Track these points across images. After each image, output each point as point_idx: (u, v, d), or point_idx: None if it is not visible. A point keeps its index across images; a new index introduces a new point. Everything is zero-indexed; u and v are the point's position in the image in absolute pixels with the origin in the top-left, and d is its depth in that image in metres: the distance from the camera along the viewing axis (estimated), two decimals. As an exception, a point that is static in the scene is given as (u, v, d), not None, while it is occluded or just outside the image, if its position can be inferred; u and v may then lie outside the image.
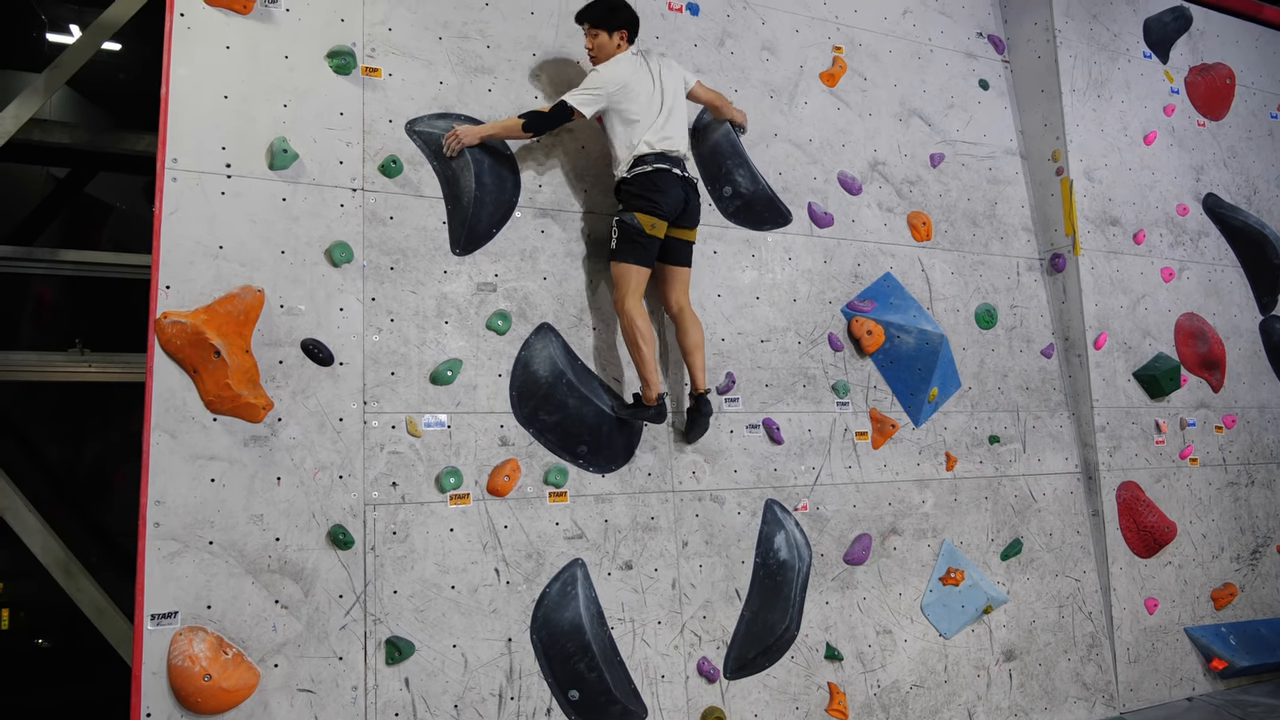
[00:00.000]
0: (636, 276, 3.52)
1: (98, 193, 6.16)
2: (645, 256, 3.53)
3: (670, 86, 3.67)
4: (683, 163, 3.63)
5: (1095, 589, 4.70)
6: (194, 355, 2.97)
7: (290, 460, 3.11)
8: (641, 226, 3.48)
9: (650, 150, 3.53)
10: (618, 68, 3.56)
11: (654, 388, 3.54)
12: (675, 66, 3.78)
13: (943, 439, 4.50)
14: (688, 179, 3.63)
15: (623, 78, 3.54)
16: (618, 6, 3.67)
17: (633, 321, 3.49)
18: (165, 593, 2.85)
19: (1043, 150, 5.13)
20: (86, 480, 6.00)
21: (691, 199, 3.65)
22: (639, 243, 3.50)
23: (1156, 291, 5.22)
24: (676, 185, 3.56)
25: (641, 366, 3.53)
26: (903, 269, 4.60)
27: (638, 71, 3.60)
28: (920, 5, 5.05)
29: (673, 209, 3.55)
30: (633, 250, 3.51)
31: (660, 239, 3.55)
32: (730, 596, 3.79)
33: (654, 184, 3.51)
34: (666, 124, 3.59)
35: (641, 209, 3.49)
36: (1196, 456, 5.16)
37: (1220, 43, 5.92)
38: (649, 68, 3.66)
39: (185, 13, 3.25)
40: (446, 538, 3.30)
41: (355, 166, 3.42)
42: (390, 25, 3.61)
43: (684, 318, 3.73)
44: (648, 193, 3.50)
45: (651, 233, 3.49)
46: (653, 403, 3.56)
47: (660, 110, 3.59)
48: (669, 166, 3.54)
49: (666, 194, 3.52)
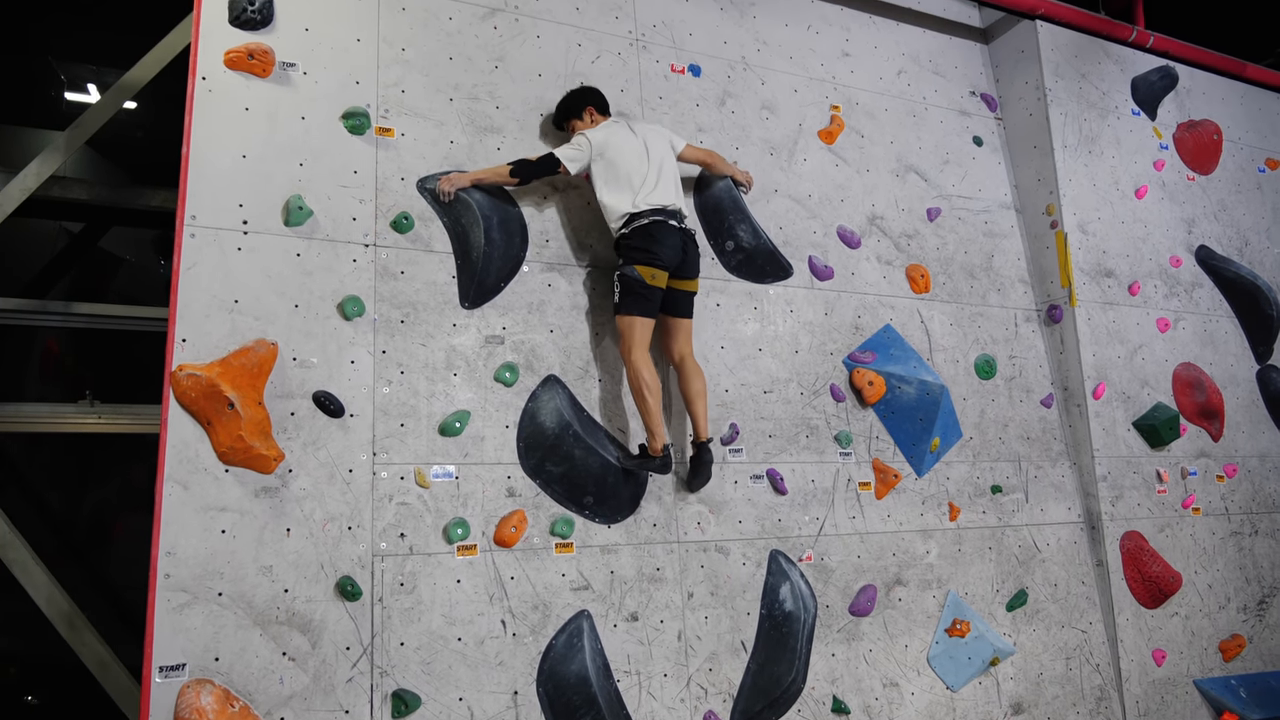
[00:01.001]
0: (641, 328, 3.58)
1: (107, 245, 6.26)
2: (648, 307, 3.60)
3: (656, 146, 3.79)
4: (678, 215, 3.70)
5: (1102, 640, 4.68)
6: (208, 407, 3.02)
7: (300, 511, 3.14)
8: (642, 278, 3.55)
9: (646, 206, 3.62)
10: (599, 131, 3.75)
11: (659, 439, 3.58)
12: (661, 130, 3.92)
13: (945, 489, 4.52)
14: (685, 230, 3.71)
15: (604, 138, 3.71)
16: (573, 97, 3.91)
17: (638, 373, 3.55)
18: (174, 644, 2.85)
19: (1037, 204, 5.25)
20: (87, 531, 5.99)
21: (690, 250, 3.73)
22: (641, 294, 3.57)
23: (1153, 341, 5.30)
24: (674, 235, 3.64)
25: (647, 417, 3.58)
26: (902, 320, 4.68)
27: (620, 133, 3.75)
28: (914, 65, 5.21)
29: (671, 259, 3.62)
30: (635, 302, 3.58)
31: (662, 289, 3.62)
32: (736, 648, 3.78)
33: (651, 235, 3.59)
34: (658, 182, 3.69)
35: (641, 261, 3.57)
36: (1199, 506, 5.18)
37: (1207, 100, 6.09)
38: (632, 130, 3.79)
39: (207, 76, 3.37)
40: (453, 589, 3.31)
41: (368, 223, 3.52)
42: (403, 87, 3.73)
43: (686, 367, 3.78)
44: (646, 244, 3.58)
45: (652, 283, 3.57)
46: (658, 453, 3.59)
47: (649, 168, 3.70)
48: (665, 218, 3.63)
49: (664, 244, 3.60)
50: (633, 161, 3.68)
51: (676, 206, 3.70)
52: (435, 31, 3.87)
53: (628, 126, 3.82)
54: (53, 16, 5.68)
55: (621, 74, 4.25)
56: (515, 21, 4.07)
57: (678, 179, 3.83)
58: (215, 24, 3.43)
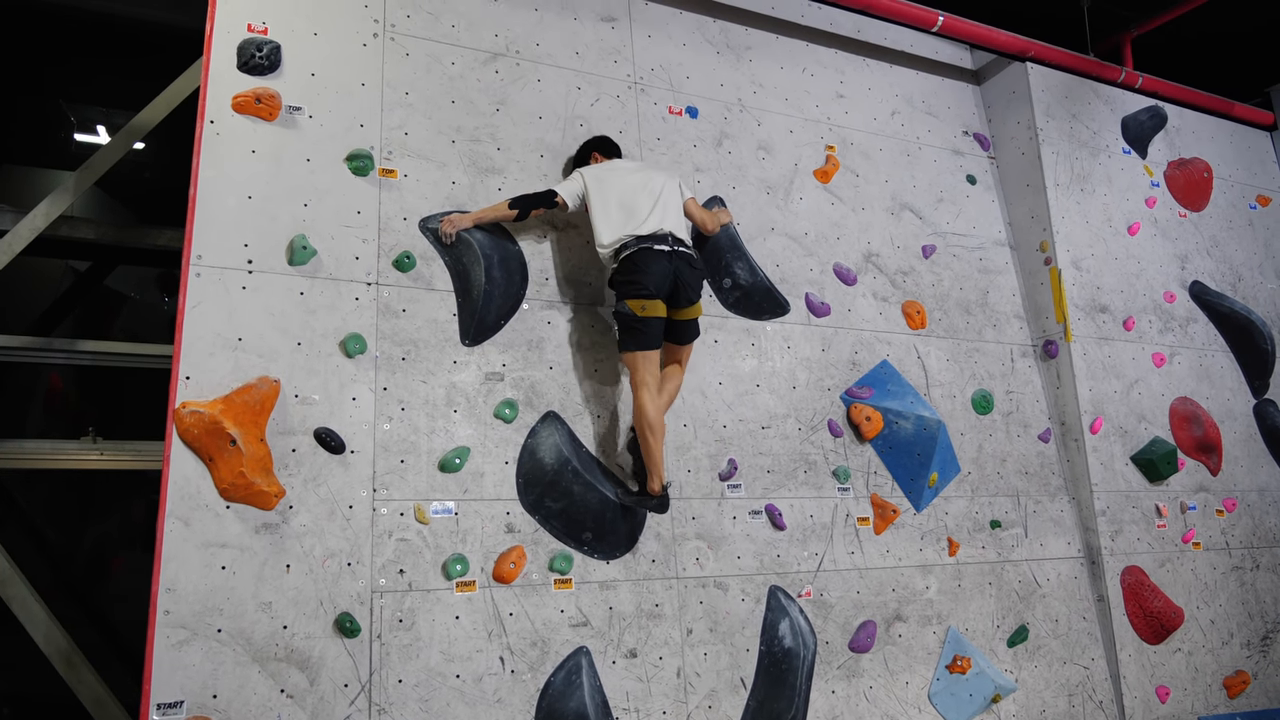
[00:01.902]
0: (644, 362, 3.58)
1: (111, 283, 6.33)
2: (646, 340, 3.59)
3: (659, 181, 3.79)
4: (668, 238, 3.61)
5: (1105, 676, 4.65)
6: (210, 444, 3.06)
7: (300, 548, 3.15)
8: (633, 312, 3.55)
9: (631, 235, 3.61)
10: (598, 167, 3.84)
11: (658, 478, 3.60)
12: (672, 173, 3.97)
13: (944, 524, 4.53)
14: (678, 253, 3.62)
15: (600, 172, 3.78)
16: (582, 146, 4.06)
17: (643, 411, 3.55)
18: (172, 681, 2.85)
19: (1031, 241, 5.32)
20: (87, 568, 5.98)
21: (683, 273, 3.63)
22: (636, 329, 3.58)
23: (1149, 376, 5.33)
24: (660, 260, 3.57)
25: (647, 457, 3.59)
26: (899, 356, 4.72)
27: (620, 168, 3.82)
28: (908, 106, 5.32)
29: (660, 285, 3.56)
30: (633, 337, 3.59)
31: (659, 318, 3.58)
32: (735, 685, 3.76)
33: (635, 265, 3.58)
34: (652, 211, 3.66)
35: (629, 294, 3.57)
36: (1199, 540, 5.18)
37: (1196, 138, 6.19)
38: (637, 167, 3.86)
39: (215, 119, 3.46)
40: (452, 625, 3.31)
41: (371, 262, 3.58)
42: (407, 130, 3.82)
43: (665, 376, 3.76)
44: (631, 276, 3.57)
45: (645, 314, 3.54)
46: (656, 493, 3.60)
47: (646, 200, 3.69)
48: (650, 244, 3.59)
49: (650, 271, 3.55)
50: (628, 194, 3.70)
51: (665, 231, 3.63)
52: (438, 76, 3.96)
53: (631, 164, 3.89)
54: (65, 60, 5.81)
55: (620, 116, 4.35)
56: (516, 66, 4.17)
57: (679, 212, 3.82)
58: (224, 69, 3.52)
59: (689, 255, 3.70)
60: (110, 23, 5.44)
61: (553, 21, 4.34)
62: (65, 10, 5.30)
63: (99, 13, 5.31)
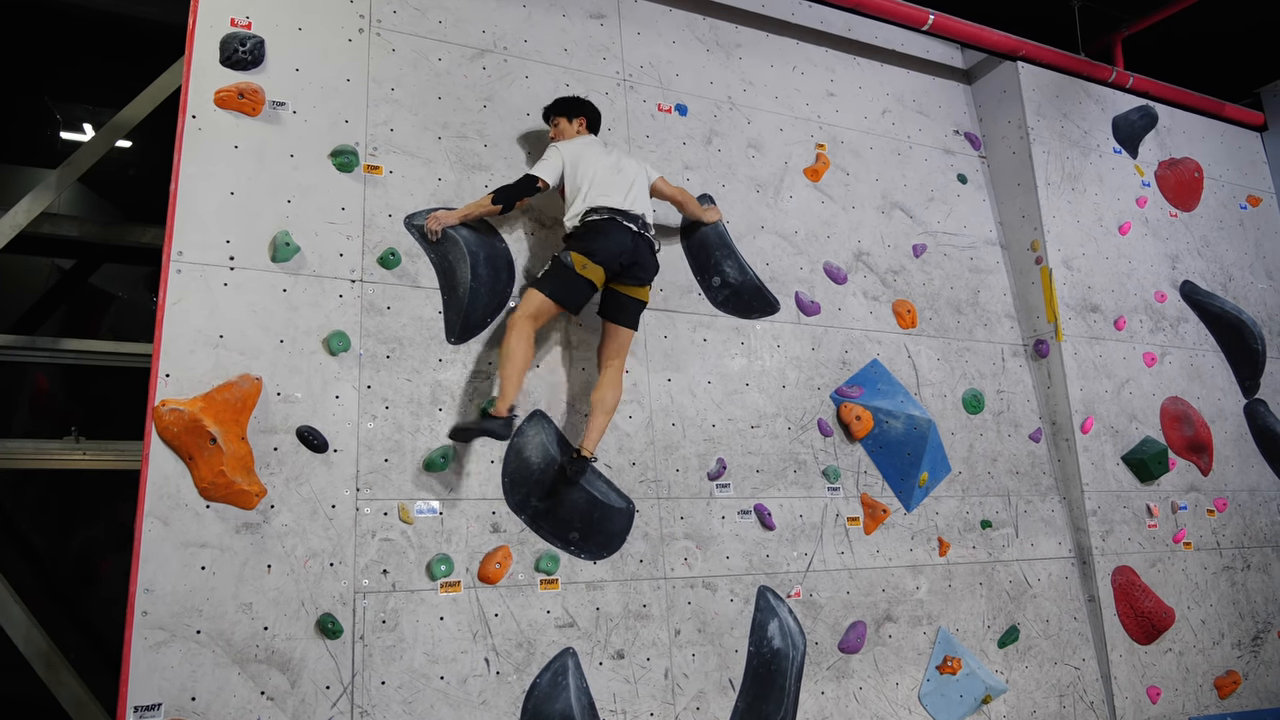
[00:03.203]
0: (541, 303, 3.47)
1: (99, 282, 6.28)
2: (564, 293, 3.50)
3: (630, 167, 3.77)
4: (638, 219, 3.61)
5: (1096, 677, 4.63)
6: (190, 442, 3.01)
7: (281, 548, 3.11)
8: (573, 265, 3.48)
9: (603, 204, 3.57)
10: (574, 143, 3.75)
11: (507, 399, 3.37)
12: (638, 159, 3.92)
13: (935, 524, 4.50)
14: (641, 235, 3.61)
15: (578, 150, 3.71)
16: (580, 101, 3.94)
17: (511, 334, 3.42)
18: (150, 683, 2.81)
19: (1021, 240, 5.30)
20: (71, 570, 5.92)
21: (642, 253, 3.61)
22: (562, 278, 3.49)
23: (1140, 376, 5.32)
24: (624, 234, 3.55)
25: (502, 379, 3.41)
26: (889, 355, 4.70)
27: (594, 148, 3.75)
28: (898, 105, 5.30)
29: (611, 256, 3.52)
30: (552, 283, 3.49)
31: (592, 284, 3.52)
32: (724, 686, 3.73)
33: (598, 231, 3.53)
34: (625, 195, 3.64)
35: (578, 249, 3.51)
36: (1190, 540, 5.16)
37: (1187, 138, 6.19)
38: (607, 150, 3.81)
39: (197, 114, 3.41)
40: (436, 626, 3.28)
41: (355, 259, 3.54)
42: (392, 126, 3.78)
43: (606, 375, 3.63)
44: (588, 237, 3.52)
45: (582, 272, 3.48)
46: (502, 414, 3.36)
47: (618, 181, 3.66)
48: (618, 218, 3.55)
49: (609, 239, 3.51)
50: (601, 174, 3.65)
51: (638, 211, 3.63)
52: (424, 72, 3.93)
53: (604, 145, 3.84)
54: (50, 57, 5.76)
55: (609, 113, 4.31)
56: (504, 62, 4.14)
57: (647, 199, 3.78)
58: (207, 64, 3.48)
59: (651, 241, 3.68)
60: (97, 19, 5.39)
61: (541, 18, 4.31)
62: (51, 7, 5.26)
63: (85, 8, 5.26)
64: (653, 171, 3.95)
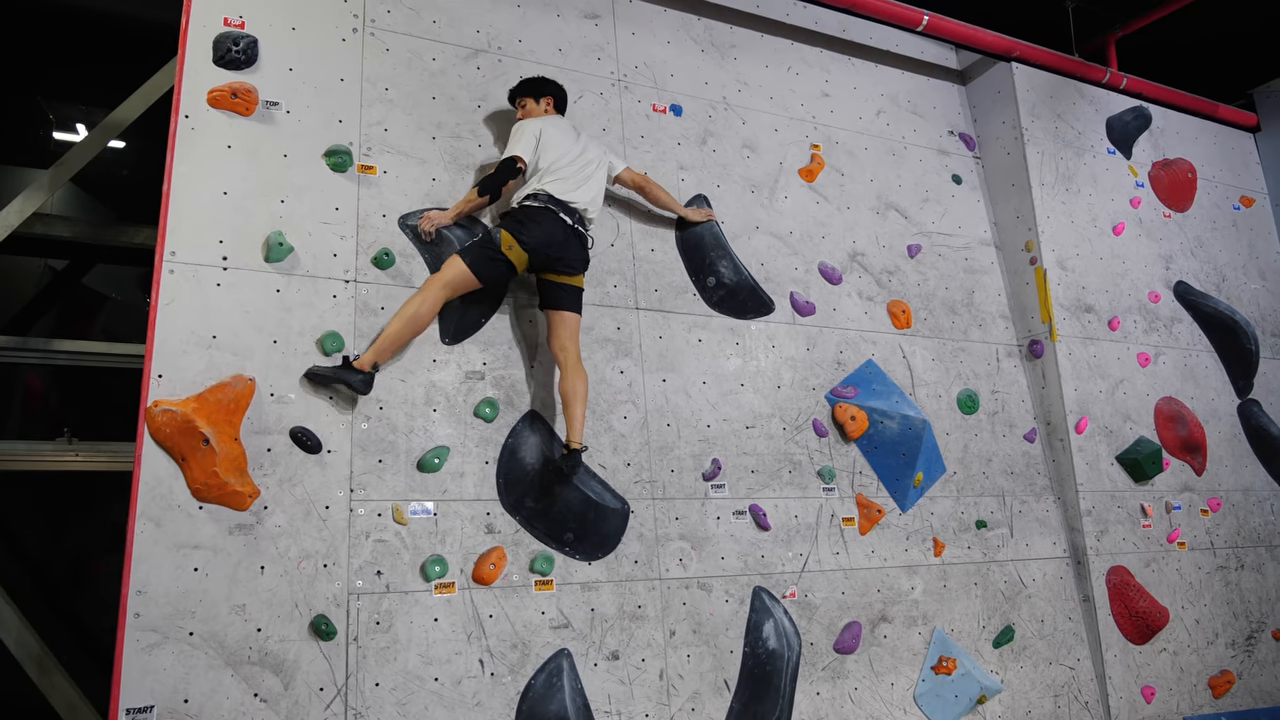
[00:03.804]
0: (459, 272, 3.43)
1: (92, 283, 6.25)
2: (483, 268, 3.46)
3: (592, 155, 3.75)
4: (579, 215, 3.61)
5: (1090, 677, 4.64)
6: (183, 443, 3.00)
7: (275, 549, 3.10)
8: (499, 243, 3.46)
9: (549, 194, 3.56)
10: (541, 120, 3.73)
11: (380, 355, 3.32)
12: (603, 147, 3.91)
13: (930, 524, 4.50)
14: (577, 230, 3.60)
15: (546, 128, 3.68)
16: (546, 81, 3.93)
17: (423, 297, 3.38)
18: (142, 686, 2.79)
19: (1016, 241, 5.31)
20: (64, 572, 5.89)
21: (572, 247, 3.57)
22: (485, 253, 3.47)
23: (1134, 376, 5.33)
24: (556, 225, 3.52)
25: (385, 335, 3.34)
26: (884, 356, 4.70)
27: (562, 130, 3.73)
28: (893, 106, 5.31)
29: (539, 244, 3.48)
30: (475, 255, 3.46)
31: (511, 264, 3.48)
32: (719, 687, 3.73)
33: (531, 215, 3.52)
34: (579, 186, 3.63)
35: (508, 228, 3.50)
36: (1184, 540, 5.17)
37: (1180, 139, 6.21)
38: (575, 132, 3.79)
39: (190, 114, 3.40)
40: (430, 628, 3.27)
41: (349, 259, 3.53)
42: (386, 126, 3.77)
43: (568, 364, 3.54)
44: (521, 220, 3.51)
45: (506, 252, 3.45)
46: (365, 368, 3.28)
47: (575, 169, 3.64)
48: (557, 210, 3.54)
49: (540, 227, 3.49)
50: (562, 161, 3.63)
51: (581, 206, 3.62)
52: (419, 72, 3.92)
53: (572, 128, 3.83)
54: (43, 56, 5.73)
55: (604, 113, 4.31)
56: (498, 62, 4.13)
57: (601, 191, 3.77)
58: (200, 63, 3.47)
59: (584, 236, 3.66)
60: (89, 18, 5.37)
61: (535, 18, 4.30)
62: (44, 6, 5.23)
63: (77, 8, 5.24)
64: (618, 162, 3.95)
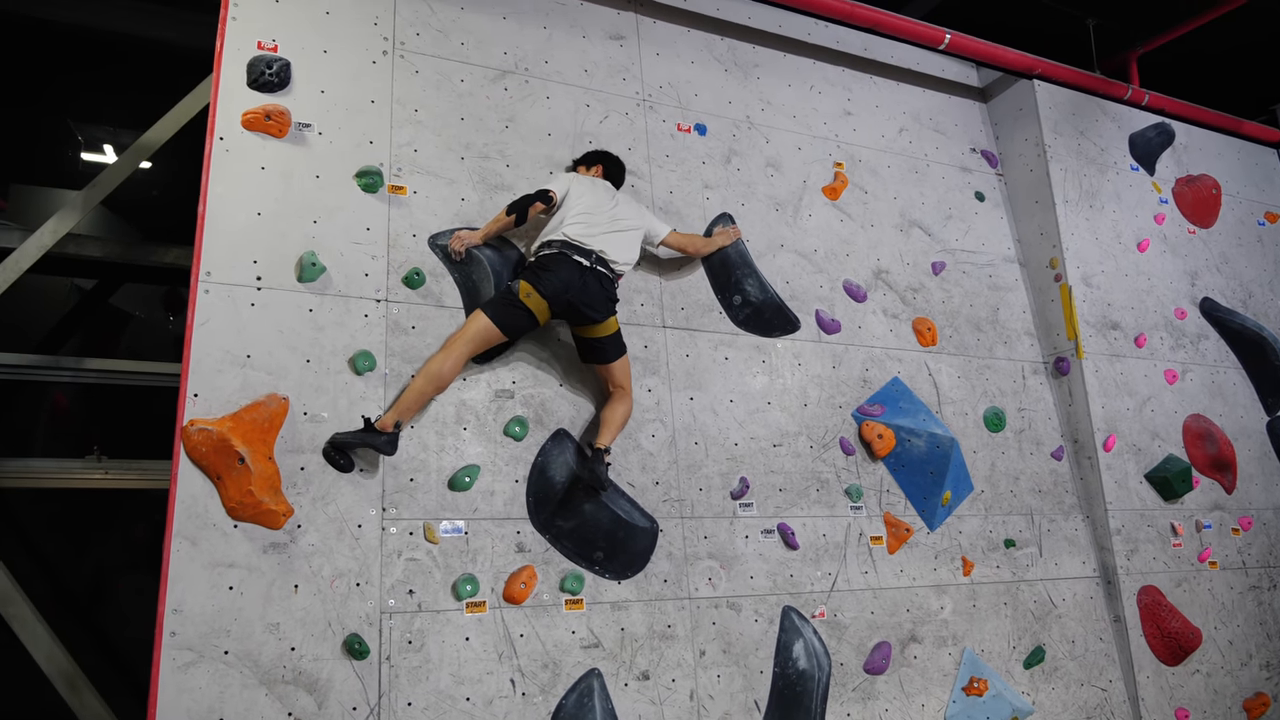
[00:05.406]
0: (481, 329, 3.43)
1: (117, 301, 6.31)
2: (505, 319, 3.45)
3: (625, 215, 3.77)
4: (595, 255, 3.58)
5: (1123, 699, 4.57)
6: (218, 462, 3.02)
7: (308, 568, 3.11)
8: (518, 291, 3.48)
9: (564, 239, 3.57)
10: (584, 178, 3.83)
11: (402, 414, 3.29)
12: (646, 212, 3.96)
13: (958, 543, 4.47)
14: (596, 270, 3.57)
15: (583, 184, 3.76)
16: (603, 153, 4.06)
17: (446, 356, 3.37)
18: (178, 705, 2.80)
19: (1040, 258, 5.29)
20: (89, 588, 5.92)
21: (591, 291, 3.53)
22: (506, 304, 3.47)
23: (1161, 393, 5.29)
24: (572, 269, 3.51)
25: (408, 393, 3.33)
26: (910, 373, 4.68)
27: (598, 189, 3.79)
28: (915, 124, 5.32)
29: (556, 290, 3.46)
30: (497, 309, 3.47)
31: (532, 313, 3.47)
32: (749, 708, 3.70)
33: (546, 264, 3.54)
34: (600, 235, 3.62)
35: (525, 278, 3.51)
36: (1215, 559, 5.11)
37: (1204, 155, 6.19)
38: (613, 195, 3.83)
39: (224, 136, 3.44)
40: (462, 647, 3.26)
41: (380, 279, 3.55)
42: (416, 147, 3.81)
43: (617, 395, 3.66)
44: (538, 269, 3.54)
45: (525, 300, 3.46)
46: (388, 429, 3.25)
47: (601, 220, 3.66)
48: (572, 254, 3.54)
49: (555, 274, 3.48)
50: (588, 210, 3.66)
51: (598, 249, 3.59)
52: (447, 93, 3.96)
53: (611, 191, 3.86)
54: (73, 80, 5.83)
55: (629, 133, 4.34)
56: (525, 83, 4.17)
57: (630, 250, 3.75)
58: (234, 86, 3.52)
59: (604, 275, 3.61)
60: (118, 43, 5.46)
61: (562, 39, 4.34)
62: (73, 30, 5.32)
63: (107, 32, 5.33)
64: (661, 227, 3.97)
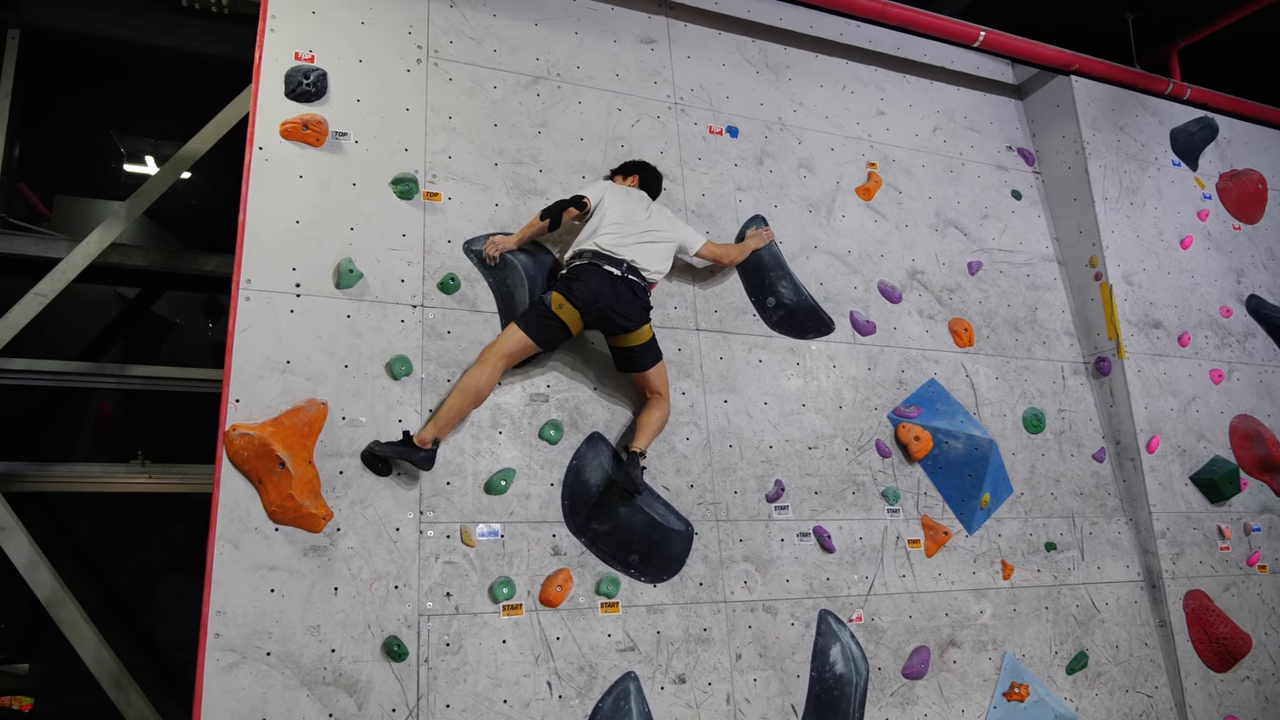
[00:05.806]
0: (516, 341, 3.45)
1: (158, 310, 6.44)
2: (539, 331, 3.47)
3: (658, 226, 3.77)
4: (626, 264, 3.58)
5: (1170, 706, 4.47)
6: (260, 466, 3.06)
7: (348, 570, 3.14)
8: (550, 303, 3.49)
9: (595, 249, 3.58)
10: (619, 187, 3.84)
11: (440, 429, 3.31)
12: (681, 224, 3.95)
13: (998, 546, 4.40)
14: (626, 279, 3.57)
15: (617, 192, 3.77)
16: (640, 163, 4.06)
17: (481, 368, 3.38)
18: (222, 705, 2.84)
19: (1080, 256, 5.20)
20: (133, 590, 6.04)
21: (622, 299, 3.53)
22: (539, 316, 3.49)
23: (1207, 393, 5.17)
24: (602, 279, 3.52)
25: (445, 408, 3.34)
26: (947, 375, 4.63)
27: (633, 199, 3.79)
28: (949, 122, 5.26)
29: (588, 299, 3.47)
30: (530, 321, 3.48)
31: (565, 324, 3.48)
32: (786, 713, 3.67)
33: (577, 274, 3.55)
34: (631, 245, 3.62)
35: (557, 289, 3.53)
36: (1265, 563, 4.98)
37: (1249, 149, 6.04)
38: (647, 205, 3.84)
39: (264, 146, 3.50)
40: (499, 649, 3.27)
41: (416, 284, 3.59)
42: (450, 154, 3.84)
43: (654, 400, 3.68)
44: (569, 280, 3.55)
45: (557, 312, 3.47)
46: (426, 445, 3.28)
47: (632, 229, 3.66)
48: (602, 264, 3.55)
49: (586, 283, 3.49)
50: (620, 220, 3.67)
51: (629, 258, 3.59)
52: (481, 100, 3.99)
53: (646, 201, 3.87)
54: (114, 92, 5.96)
55: (661, 137, 4.34)
56: (557, 89, 4.19)
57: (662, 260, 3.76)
58: (272, 96, 3.58)
59: (636, 284, 3.61)
60: (159, 56, 5.57)
61: (593, 44, 4.36)
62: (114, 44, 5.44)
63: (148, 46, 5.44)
64: (697, 238, 3.96)
